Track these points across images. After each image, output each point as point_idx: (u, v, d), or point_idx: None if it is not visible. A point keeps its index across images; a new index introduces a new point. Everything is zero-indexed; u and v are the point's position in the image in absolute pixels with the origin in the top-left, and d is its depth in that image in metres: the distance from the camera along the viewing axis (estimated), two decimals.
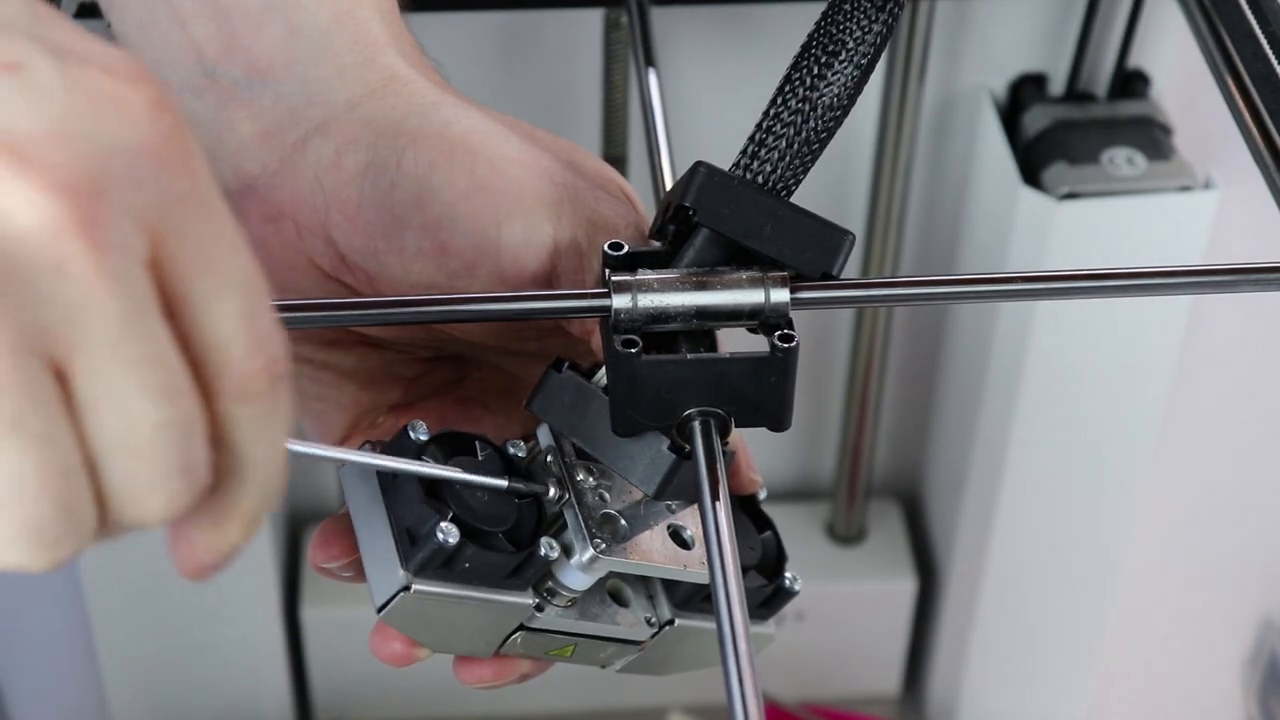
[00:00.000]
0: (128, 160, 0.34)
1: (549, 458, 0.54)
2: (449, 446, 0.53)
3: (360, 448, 0.53)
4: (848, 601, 1.22)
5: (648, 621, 0.56)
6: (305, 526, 1.20)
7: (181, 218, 0.35)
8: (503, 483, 0.52)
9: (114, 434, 0.36)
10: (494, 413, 0.59)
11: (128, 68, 0.35)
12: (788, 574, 0.57)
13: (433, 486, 0.51)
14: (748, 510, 0.58)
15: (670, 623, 0.56)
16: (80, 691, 1.18)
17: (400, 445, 0.52)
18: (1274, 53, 0.66)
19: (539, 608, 0.53)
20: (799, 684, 1.25)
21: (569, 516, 0.53)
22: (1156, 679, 1.25)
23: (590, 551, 0.52)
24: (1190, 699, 1.20)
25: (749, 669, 0.45)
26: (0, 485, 0.35)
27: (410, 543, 0.51)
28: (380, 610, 0.51)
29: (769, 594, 0.57)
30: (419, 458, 0.51)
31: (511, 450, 0.54)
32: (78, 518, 0.36)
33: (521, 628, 0.54)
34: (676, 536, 0.55)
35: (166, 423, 0.36)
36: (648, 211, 0.55)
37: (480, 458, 0.53)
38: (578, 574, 0.53)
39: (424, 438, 0.52)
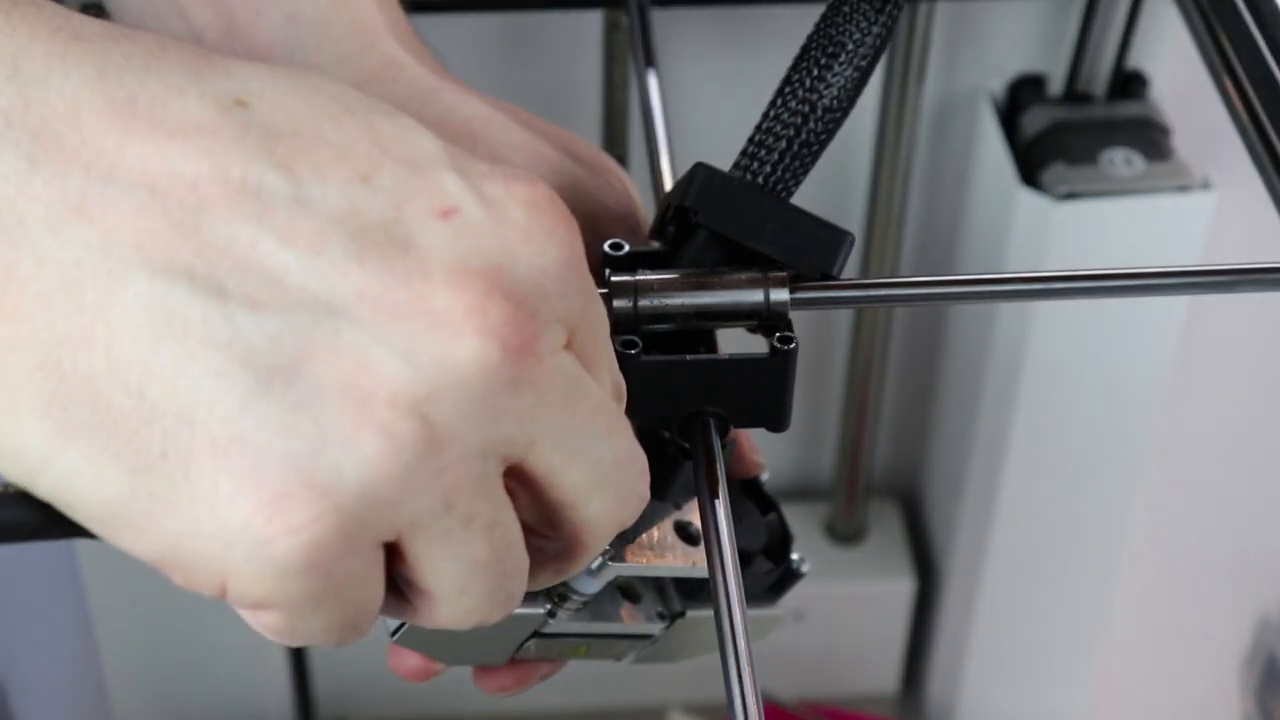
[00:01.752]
0: (555, 276, 0.38)
1: None
2: None
3: None
4: (847, 601, 1.22)
5: (659, 615, 0.56)
6: None
7: (586, 309, 0.39)
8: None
9: (587, 481, 0.39)
10: None
11: (539, 192, 0.38)
12: (794, 555, 0.57)
13: None
14: (751, 493, 0.58)
15: (681, 614, 0.56)
16: (83, 691, 1.18)
17: None
18: (1272, 55, 0.66)
19: (551, 614, 0.53)
20: (799, 683, 1.25)
21: None
22: (1155, 678, 1.25)
23: (599, 559, 0.52)
24: (1188, 698, 1.20)
25: (749, 668, 0.45)
26: (461, 571, 0.38)
27: None
28: (394, 635, 0.52)
29: (777, 577, 0.57)
30: None
31: None
32: (521, 575, 0.40)
33: (535, 634, 0.54)
34: (683, 531, 0.55)
35: (622, 445, 0.40)
36: (647, 209, 0.55)
37: None
38: (588, 580, 0.53)
39: None
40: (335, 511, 0.35)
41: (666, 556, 0.54)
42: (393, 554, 0.37)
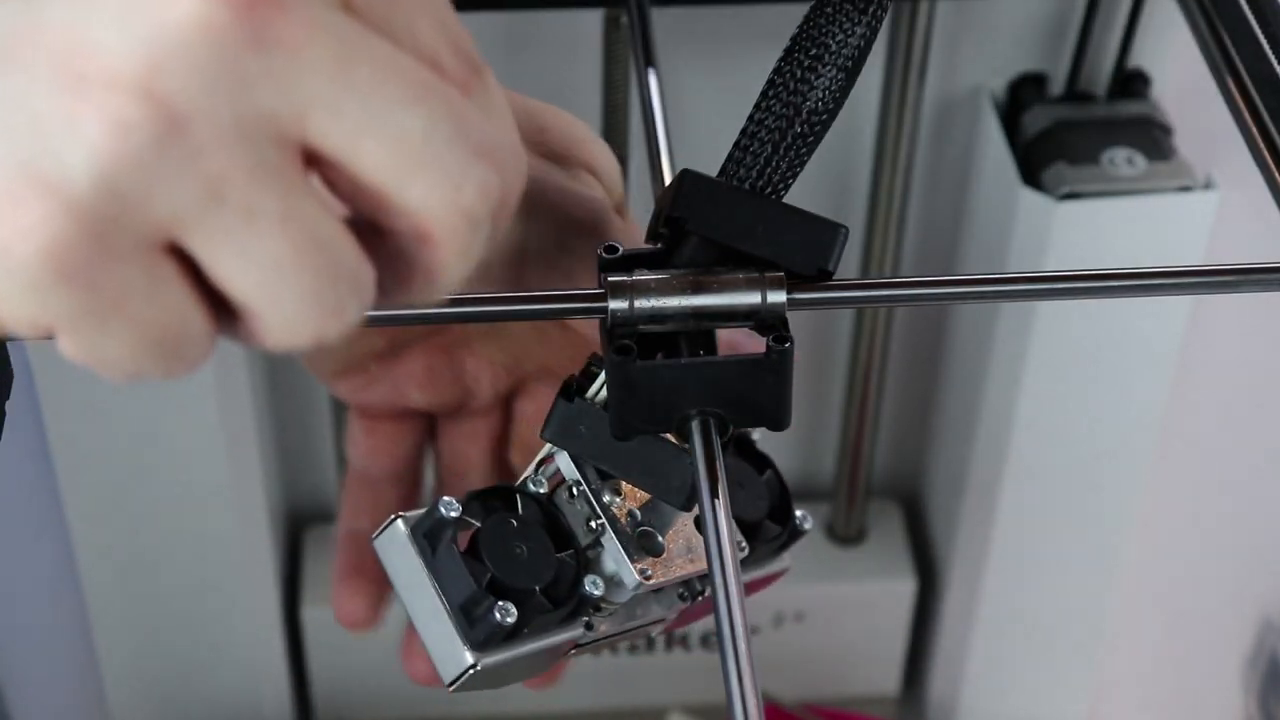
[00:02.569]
0: None
1: (574, 489, 0.54)
2: (485, 505, 0.53)
3: (392, 521, 0.53)
4: (847, 602, 1.22)
5: (680, 596, 0.58)
6: (305, 526, 1.20)
7: None
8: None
9: (392, 159, 0.34)
10: (478, 355, 0.60)
11: None
12: (797, 513, 0.58)
13: (470, 545, 0.52)
14: (745, 453, 0.58)
15: (701, 593, 0.58)
16: (80, 691, 1.18)
17: (437, 526, 0.52)
18: (1274, 54, 0.66)
19: (589, 626, 0.54)
20: (799, 684, 1.25)
21: (608, 546, 0.54)
22: (1156, 679, 1.25)
23: (636, 579, 0.54)
24: (1190, 699, 1.20)
25: (749, 669, 0.45)
26: (262, 273, 0.34)
27: (468, 621, 0.51)
28: (450, 685, 0.52)
29: (785, 540, 0.58)
30: (455, 533, 0.52)
31: (533, 487, 0.54)
32: (351, 276, 0.35)
33: (575, 646, 0.55)
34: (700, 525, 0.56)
35: (436, 117, 0.34)
36: (646, 208, 0.55)
37: (521, 512, 0.53)
38: (620, 591, 0.54)
39: (455, 513, 0.52)
40: (68, 209, 0.32)
41: (692, 563, 0.55)
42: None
